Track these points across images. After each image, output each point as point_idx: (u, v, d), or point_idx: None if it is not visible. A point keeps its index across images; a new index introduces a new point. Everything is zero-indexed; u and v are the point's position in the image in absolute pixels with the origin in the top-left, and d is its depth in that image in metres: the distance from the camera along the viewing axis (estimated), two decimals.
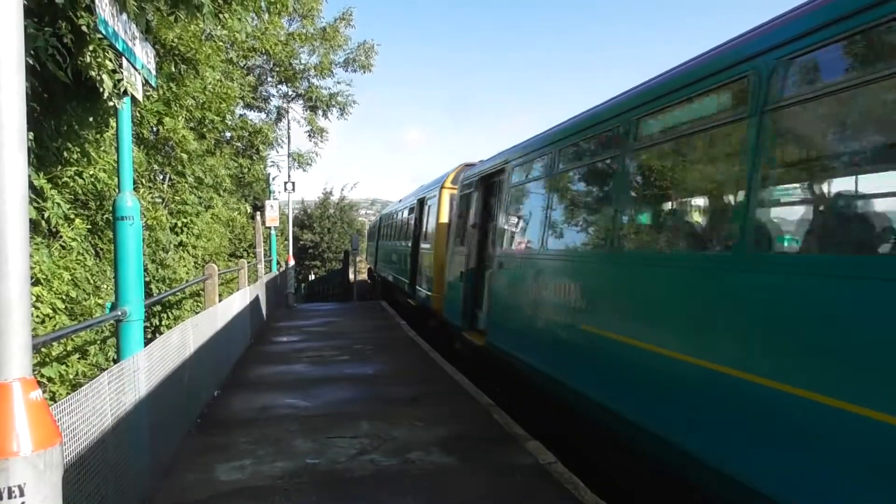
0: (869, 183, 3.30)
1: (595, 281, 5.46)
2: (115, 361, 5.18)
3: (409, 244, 15.09)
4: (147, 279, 7.81)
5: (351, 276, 28.13)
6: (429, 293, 12.32)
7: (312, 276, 32.80)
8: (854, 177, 3.40)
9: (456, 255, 10.19)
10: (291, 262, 20.81)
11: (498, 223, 8.28)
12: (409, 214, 16.17)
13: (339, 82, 22.42)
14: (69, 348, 5.59)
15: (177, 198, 9.92)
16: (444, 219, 12.13)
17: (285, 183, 20.65)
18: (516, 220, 7.84)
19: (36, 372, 4.87)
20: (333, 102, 22.03)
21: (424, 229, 13.83)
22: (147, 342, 4.96)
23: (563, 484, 4.69)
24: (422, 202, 14.45)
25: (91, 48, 4.60)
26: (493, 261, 8.25)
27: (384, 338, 12.13)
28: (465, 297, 9.32)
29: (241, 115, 18.00)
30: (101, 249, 6.81)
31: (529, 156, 7.52)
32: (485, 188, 9.33)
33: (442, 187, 12.43)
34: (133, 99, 5.09)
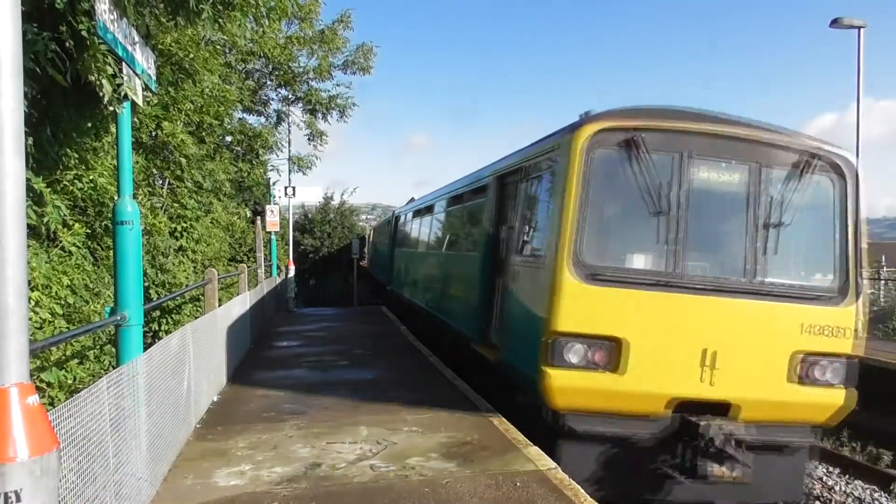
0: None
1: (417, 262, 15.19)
2: (114, 367, 5.18)
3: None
4: (146, 284, 7.83)
5: (352, 281, 28.17)
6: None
7: (313, 281, 32.79)
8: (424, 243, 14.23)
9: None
10: (292, 267, 20.82)
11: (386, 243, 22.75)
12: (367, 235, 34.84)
13: (338, 85, 22.36)
14: (68, 353, 5.60)
15: (176, 203, 9.94)
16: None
17: (286, 188, 20.67)
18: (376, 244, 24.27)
19: (35, 377, 4.88)
20: (333, 105, 22.05)
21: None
22: (146, 347, 4.97)
23: (563, 490, 4.69)
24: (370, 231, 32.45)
25: (91, 53, 4.62)
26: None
27: (384, 343, 12.13)
28: (387, 277, 20.94)
29: (240, 119, 18.05)
30: (100, 256, 6.83)
31: (381, 226, 25.58)
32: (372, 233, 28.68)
33: (369, 229, 29.45)
34: (133, 104, 5.12)
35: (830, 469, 8.58)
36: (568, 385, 5.71)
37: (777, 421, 5.96)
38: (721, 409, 5.77)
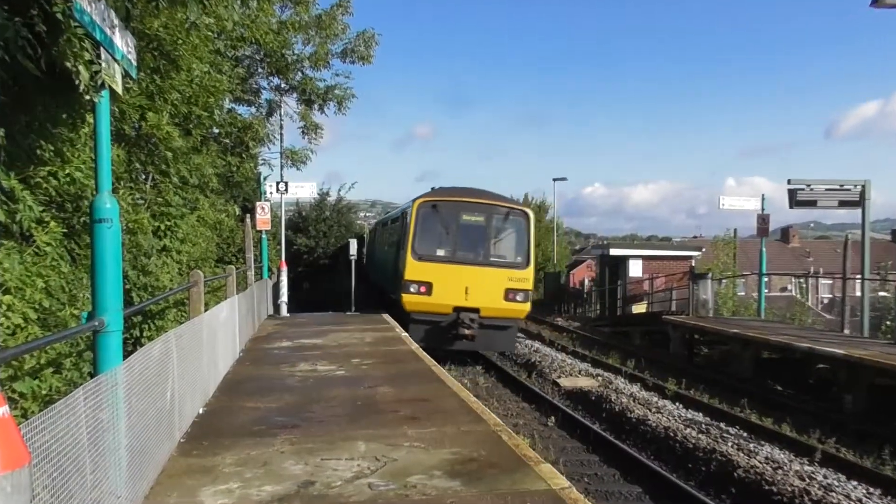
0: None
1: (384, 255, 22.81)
2: (92, 376, 5.11)
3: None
4: (127, 287, 7.73)
5: (350, 284, 28.06)
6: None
7: (307, 284, 32.70)
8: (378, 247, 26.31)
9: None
10: (284, 269, 20.73)
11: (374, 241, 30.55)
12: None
13: (337, 74, 22.09)
14: (42, 362, 5.52)
15: (160, 199, 9.86)
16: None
17: (277, 183, 20.56)
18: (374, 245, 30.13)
19: (7, 387, 4.80)
20: (330, 96, 21.82)
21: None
22: (127, 355, 4.89)
23: None
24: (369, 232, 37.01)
25: (66, 37, 4.55)
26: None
27: (384, 351, 12.06)
28: (368, 269, 30.28)
29: (229, 110, 17.91)
30: (78, 255, 6.75)
31: (373, 229, 34.10)
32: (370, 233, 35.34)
33: (367, 230, 37.03)
34: (112, 93, 5.03)
35: (856, 484, 8.47)
36: (411, 301, 15.63)
37: (500, 317, 15.69)
38: (474, 311, 15.34)
